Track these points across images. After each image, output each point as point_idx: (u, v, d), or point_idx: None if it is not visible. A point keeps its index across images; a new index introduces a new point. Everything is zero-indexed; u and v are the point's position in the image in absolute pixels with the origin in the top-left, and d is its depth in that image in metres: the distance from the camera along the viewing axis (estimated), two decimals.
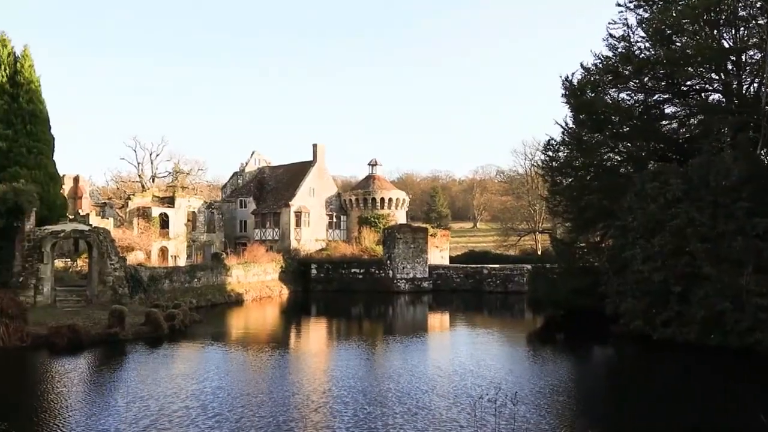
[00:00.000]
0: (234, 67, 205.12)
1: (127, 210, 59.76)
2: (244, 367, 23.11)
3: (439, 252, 66.40)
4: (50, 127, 41.27)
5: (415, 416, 15.84)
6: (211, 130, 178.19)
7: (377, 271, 56.94)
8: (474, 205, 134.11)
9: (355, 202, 69.98)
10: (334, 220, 70.82)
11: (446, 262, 66.65)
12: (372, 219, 68.24)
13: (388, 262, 56.41)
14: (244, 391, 18.45)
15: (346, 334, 33.93)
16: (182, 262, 57.79)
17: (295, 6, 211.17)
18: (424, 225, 69.69)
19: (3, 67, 38.93)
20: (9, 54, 39.47)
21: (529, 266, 50.84)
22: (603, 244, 37.06)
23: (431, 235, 62.36)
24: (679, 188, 27.98)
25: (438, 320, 41.19)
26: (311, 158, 70.45)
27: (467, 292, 54.94)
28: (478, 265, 58.95)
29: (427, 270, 57.09)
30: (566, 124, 37.51)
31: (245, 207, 70.88)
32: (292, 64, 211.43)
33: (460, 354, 25.80)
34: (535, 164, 76.32)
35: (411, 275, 56.37)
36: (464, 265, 60.59)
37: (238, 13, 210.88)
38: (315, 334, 34.08)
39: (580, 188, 36.73)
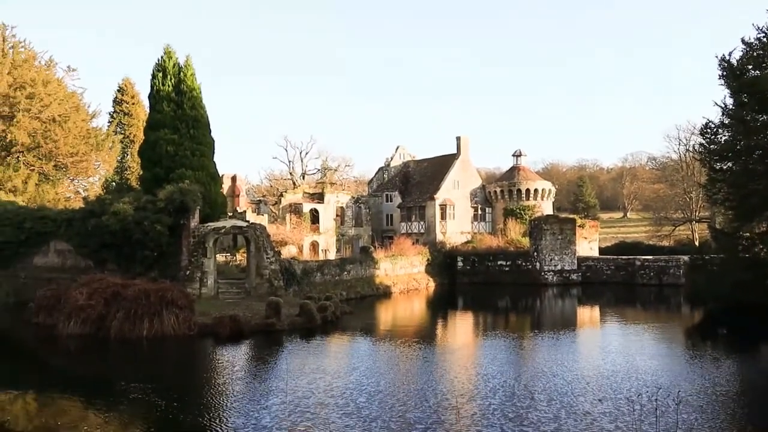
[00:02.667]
0: (375, 63, 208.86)
1: (280, 206, 62.69)
2: (391, 362, 23.14)
3: (588, 243, 64.40)
4: (210, 131, 44.03)
5: (570, 421, 15.10)
6: (356, 127, 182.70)
7: (524, 264, 56.13)
8: (623, 194, 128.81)
9: (500, 193, 69.27)
10: (479, 212, 70.40)
11: (595, 253, 64.51)
12: (517, 210, 67.30)
13: (535, 254, 55.44)
14: (387, 390, 18.19)
15: (493, 328, 33.71)
16: (332, 255, 59.75)
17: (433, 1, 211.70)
18: (571, 216, 67.82)
19: (169, 77, 42.05)
20: (174, 65, 42.55)
21: (685, 258, 48.30)
22: None
23: (579, 226, 60.63)
24: None
25: (588, 314, 39.92)
26: (455, 151, 70.36)
27: (618, 284, 52.96)
28: (630, 257, 56.64)
29: (575, 262, 55.57)
30: (725, 105, 35.12)
31: (391, 201, 72.07)
32: (433, 58, 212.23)
33: (612, 351, 24.78)
34: (690, 149, 72.01)
35: (559, 267, 55.11)
36: (615, 257, 58.41)
37: (380, 10, 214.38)
38: (461, 328, 34.19)
39: (744, 173, 34.27)
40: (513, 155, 72.72)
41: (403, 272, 51.83)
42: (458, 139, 70.08)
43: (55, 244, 41.26)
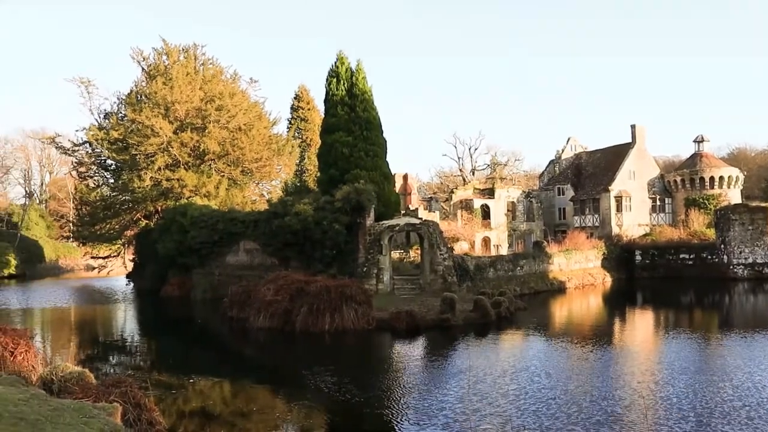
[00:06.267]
0: (538, 56, 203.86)
1: (451, 203, 63.26)
2: (566, 362, 22.02)
3: None
4: (382, 131, 45.34)
5: None
6: (525, 121, 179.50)
7: (709, 257, 52.49)
8: None
9: (680, 183, 65.23)
10: (658, 203, 66.80)
11: None
12: (700, 200, 63.06)
13: (722, 246, 51.59)
14: (565, 397, 16.98)
15: (675, 326, 31.66)
16: (504, 251, 59.34)
17: None
18: (763, 204, 62.28)
19: (342, 82, 43.87)
20: (346, 70, 44.33)
21: None
22: None
23: None
24: None
25: None
26: (629, 140, 67.36)
27: None
28: None
29: None
30: None
31: (563, 194, 70.28)
32: (602, 44, 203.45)
33: None
34: None
35: (750, 260, 50.82)
36: None
37: (545, 5, 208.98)
38: (640, 326, 32.45)
39: None
40: (694, 141, 68.20)
41: (578, 267, 50.34)
42: (633, 127, 66.98)
43: (244, 244, 44.43)
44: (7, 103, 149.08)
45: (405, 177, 68.79)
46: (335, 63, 44.64)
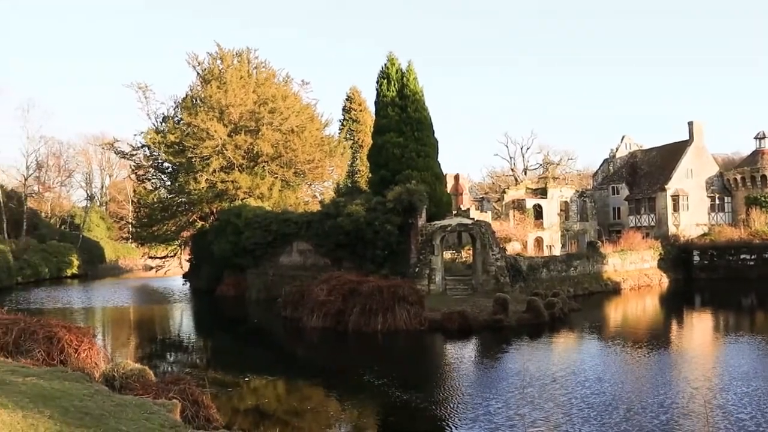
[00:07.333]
0: (591, 54, 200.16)
1: (503, 203, 62.82)
2: (619, 367, 21.44)
3: None
4: (433, 132, 45.30)
5: None
6: (578, 119, 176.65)
7: None
8: None
9: (740, 181, 63.24)
10: (717, 202, 64.90)
11: None
12: (762, 199, 60.98)
13: None
14: (613, 402, 16.37)
15: (735, 329, 30.78)
16: (557, 251, 58.60)
17: None
18: None
19: (393, 83, 44.01)
20: (397, 71, 44.46)
21: None
22: None
23: None
24: None
25: None
26: (687, 137, 65.68)
27: None
28: None
29: None
30: None
31: (617, 194, 69.03)
32: (658, 42, 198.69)
33: None
34: None
35: None
36: None
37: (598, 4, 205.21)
38: (698, 328, 31.71)
39: None
40: (755, 138, 65.83)
41: (633, 267, 49.39)
42: (690, 124, 65.19)
43: (297, 245, 44.98)
44: (70, 109, 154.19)
45: (456, 177, 68.49)
46: (385, 64, 44.82)
